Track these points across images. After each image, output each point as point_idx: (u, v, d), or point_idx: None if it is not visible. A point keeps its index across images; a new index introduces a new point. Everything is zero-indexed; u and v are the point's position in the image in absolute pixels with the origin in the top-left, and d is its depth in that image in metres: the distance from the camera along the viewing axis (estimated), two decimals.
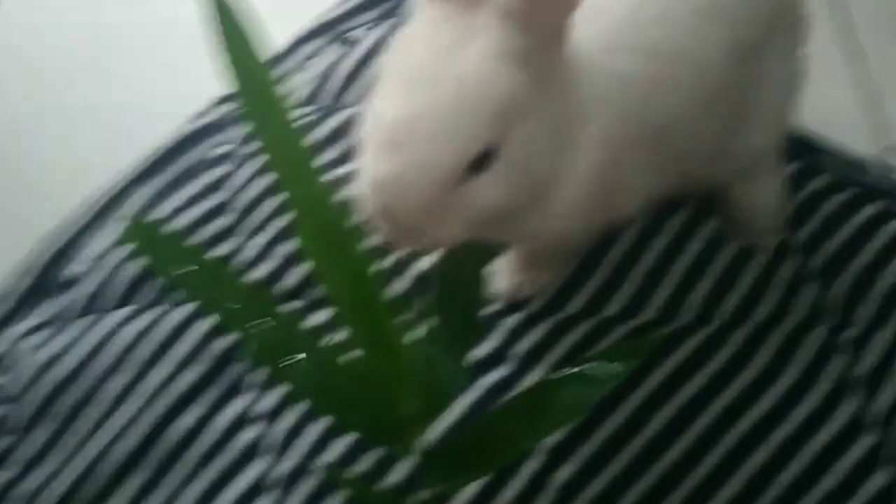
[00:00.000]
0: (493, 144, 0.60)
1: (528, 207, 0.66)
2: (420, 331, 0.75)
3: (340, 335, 0.73)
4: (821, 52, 0.89)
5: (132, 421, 0.93)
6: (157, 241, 0.75)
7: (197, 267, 0.73)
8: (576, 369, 0.69)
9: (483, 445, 0.72)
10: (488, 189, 0.61)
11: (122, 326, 0.98)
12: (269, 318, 0.71)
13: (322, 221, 0.71)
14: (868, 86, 1.13)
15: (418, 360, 0.73)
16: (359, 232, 0.68)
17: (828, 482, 0.87)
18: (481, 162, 0.60)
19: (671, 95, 0.71)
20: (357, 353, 0.72)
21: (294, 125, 0.71)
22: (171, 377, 0.95)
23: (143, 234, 0.76)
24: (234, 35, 0.68)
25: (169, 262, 0.73)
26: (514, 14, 0.59)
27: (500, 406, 0.87)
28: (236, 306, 0.72)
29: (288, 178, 0.70)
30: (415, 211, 0.60)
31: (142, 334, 0.97)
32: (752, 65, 0.77)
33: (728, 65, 0.73)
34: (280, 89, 0.71)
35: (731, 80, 0.75)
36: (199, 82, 1.13)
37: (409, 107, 0.59)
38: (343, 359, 0.72)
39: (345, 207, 0.70)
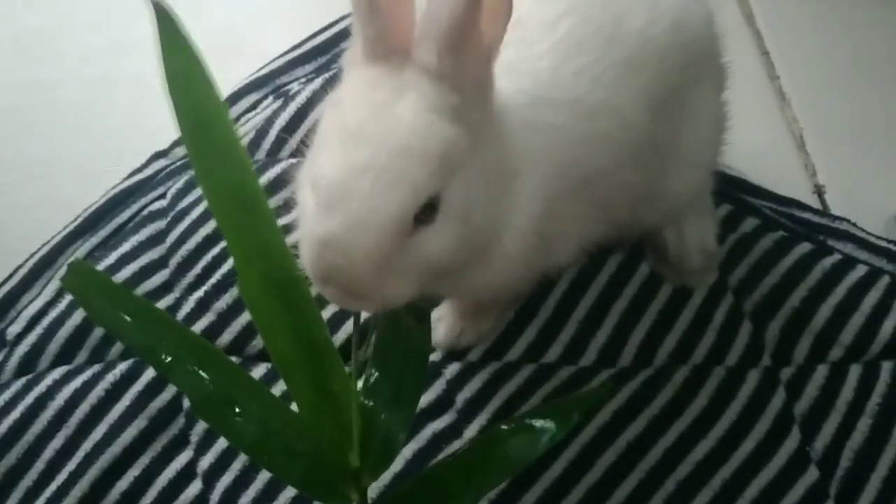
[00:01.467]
0: (435, 196, 0.60)
1: (472, 260, 0.67)
2: (361, 383, 0.73)
3: (279, 388, 0.71)
4: (750, 98, 0.91)
5: (73, 480, 0.90)
6: (95, 288, 0.72)
7: (138, 314, 0.70)
8: (519, 423, 0.69)
9: (428, 500, 0.70)
10: (434, 241, 0.61)
11: (59, 386, 0.95)
12: (210, 370, 0.69)
13: (267, 271, 0.69)
14: (794, 129, 1.16)
15: (363, 413, 0.71)
16: (303, 283, 0.67)
17: None
18: (425, 215, 0.60)
19: (596, 148, 0.72)
20: (296, 405, 0.70)
21: (248, 168, 0.70)
22: (112, 435, 0.92)
23: (82, 280, 0.72)
24: (188, 71, 0.66)
25: (107, 310, 0.70)
26: (439, 74, 0.59)
27: (443, 460, 0.86)
28: (178, 356, 0.69)
29: (233, 225, 0.68)
30: (362, 269, 0.59)
31: (79, 393, 0.94)
32: (672, 114, 0.78)
33: (648, 116, 0.74)
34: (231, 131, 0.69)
35: (653, 130, 0.76)
36: (132, 138, 1.15)
37: (348, 164, 0.58)
38: (282, 413, 0.71)
39: (289, 257, 0.68)
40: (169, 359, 0.69)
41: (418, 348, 0.76)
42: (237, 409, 0.69)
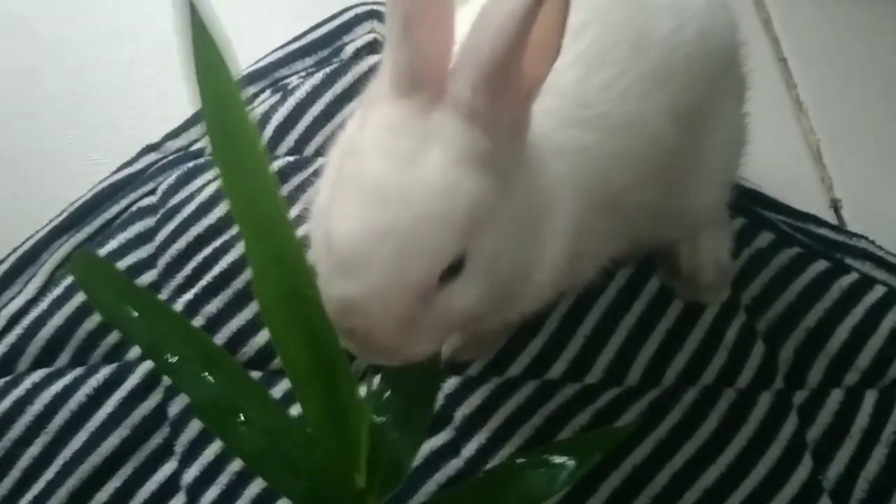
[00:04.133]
0: (462, 253, 0.56)
1: (499, 306, 0.63)
2: (372, 402, 0.69)
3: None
4: (766, 107, 0.88)
5: (50, 490, 0.86)
6: (102, 279, 0.68)
7: (144, 307, 0.66)
8: (537, 457, 0.65)
9: None
10: (459, 298, 0.58)
11: (39, 390, 0.91)
12: (217, 374, 0.65)
13: (284, 279, 0.64)
14: (811, 140, 1.12)
15: (372, 432, 0.67)
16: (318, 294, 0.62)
17: None
18: (450, 272, 0.57)
19: (624, 165, 0.68)
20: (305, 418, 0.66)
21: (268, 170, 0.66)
22: (93, 443, 0.88)
23: (88, 270, 0.69)
24: (210, 59, 0.62)
25: (114, 303, 0.66)
26: (472, 114, 0.55)
27: (454, 490, 0.83)
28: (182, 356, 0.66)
29: (253, 229, 0.64)
30: (383, 332, 0.56)
31: (60, 398, 0.90)
32: (698, 127, 0.75)
33: (675, 130, 0.71)
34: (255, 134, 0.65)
35: (678, 145, 0.72)
36: (122, 130, 1.10)
37: (368, 226, 0.55)
38: (289, 425, 0.67)
39: (306, 266, 0.64)
40: (175, 359, 0.65)
41: (431, 366, 0.71)
42: (242, 418, 0.65)
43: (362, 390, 0.68)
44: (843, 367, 0.92)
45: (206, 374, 0.65)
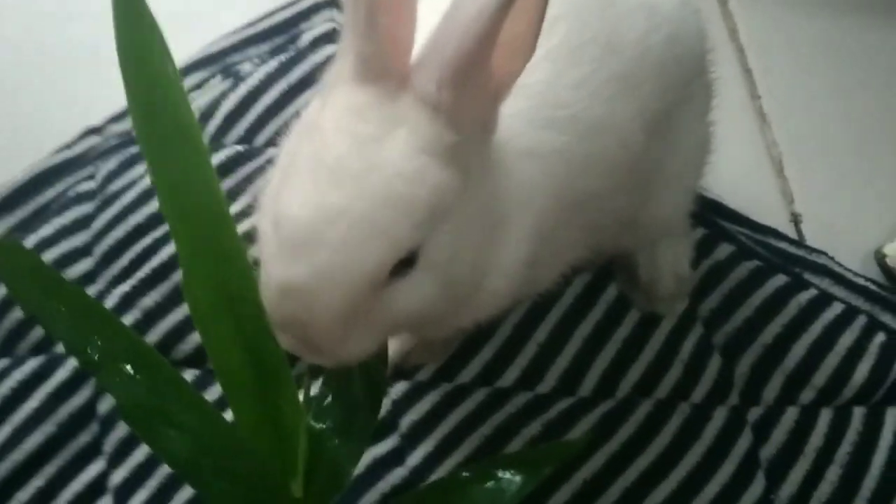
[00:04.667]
0: (416, 247, 0.53)
1: (450, 309, 0.59)
2: (311, 407, 0.66)
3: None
4: (729, 117, 0.86)
5: None
6: (23, 268, 0.63)
7: (69, 301, 0.62)
8: (482, 471, 0.62)
9: None
10: (407, 296, 0.54)
11: None
12: (144, 373, 0.61)
13: (217, 275, 0.61)
14: (773, 152, 1.11)
15: (311, 438, 0.64)
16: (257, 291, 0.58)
17: None
18: (400, 267, 0.53)
19: (592, 170, 0.66)
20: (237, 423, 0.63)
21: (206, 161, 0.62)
22: (16, 439, 0.84)
23: (9, 258, 0.64)
24: (143, 44, 0.58)
25: (35, 295, 0.62)
26: (437, 107, 0.52)
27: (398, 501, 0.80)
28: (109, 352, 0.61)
29: (183, 222, 0.61)
30: (324, 324, 0.52)
31: None
32: (665, 134, 0.73)
33: (644, 135, 0.68)
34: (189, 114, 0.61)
35: (646, 151, 0.70)
36: (60, 111, 1.05)
37: (324, 205, 0.51)
38: (221, 429, 0.63)
39: (243, 262, 0.61)
40: (98, 356, 0.61)
41: (376, 372, 0.67)
42: (171, 420, 0.61)
43: (302, 394, 0.64)
44: (799, 384, 0.91)
45: (134, 373, 0.61)
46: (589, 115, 0.64)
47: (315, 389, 0.66)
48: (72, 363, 0.86)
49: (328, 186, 0.51)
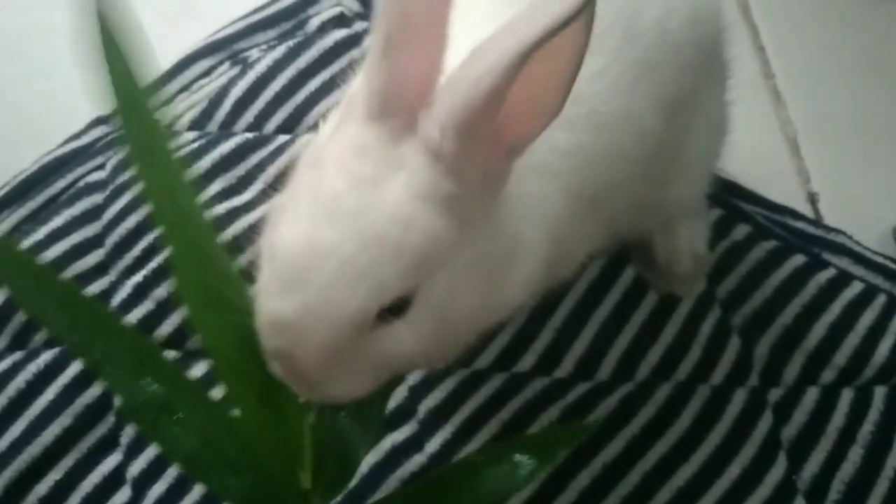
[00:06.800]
0: (408, 292, 0.52)
1: (448, 349, 0.59)
2: None
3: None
4: (743, 97, 0.84)
5: None
6: (23, 269, 0.62)
7: (68, 303, 0.61)
8: (495, 454, 0.61)
9: None
10: (399, 340, 0.53)
11: None
12: (147, 371, 0.61)
13: (203, 267, 0.60)
14: (789, 131, 1.10)
15: (319, 426, 0.62)
16: (244, 279, 0.59)
17: None
18: (394, 310, 0.52)
19: (609, 163, 0.64)
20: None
21: (176, 156, 0.61)
22: (32, 433, 0.83)
23: (8, 259, 0.62)
24: (113, 51, 0.58)
25: (36, 296, 0.61)
26: (440, 156, 0.51)
27: (405, 488, 0.79)
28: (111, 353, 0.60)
29: (165, 215, 0.59)
30: (310, 360, 0.52)
31: None
32: (682, 118, 0.71)
33: (663, 122, 0.67)
34: (162, 115, 0.60)
35: (664, 137, 0.68)
36: (71, 101, 1.04)
37: (312, 242, 0.51)
38: (225, 423, 0.62)
39: (228, 252, 0.61)
40: (101, 356, 0.60)
41: None
42: (174, 417, 0.60)
43: None
44: (819, 364, 0.90)
45: (137, 372, 0.61)
46: (607, 109, 0.63)
47: None
48: None
49: (321, 223, 0.51)
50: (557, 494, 0.82)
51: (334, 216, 0.51)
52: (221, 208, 0.90)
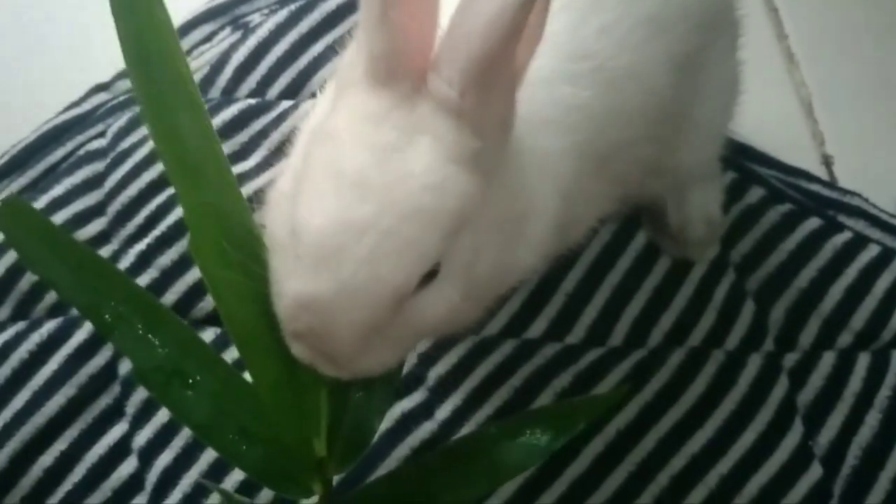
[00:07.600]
0: (440, 258, 0.51)
1: (473, 310, 0.58)
2: None
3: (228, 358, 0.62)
4: (756, 59, 0.82)
5: None
6: (30, 229, 0.61)
7: (78, 263, 0.60)
8: (511, 426, 0.61)
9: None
10: (430, 307, 0.52)
11: None
12: (160, 334, 0.60)
13: (224, 231, 0.59)
14: (802, 94, 1.08)
15: (334, 394, 0.61)
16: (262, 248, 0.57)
17: None
18: (425, 278, 0.51)
19: (618, 121, 0.63)
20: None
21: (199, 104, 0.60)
22: (36, 403, 0.83)
23: (16, 219, 0.61)
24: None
25: (44, 257, 0.60)
26: (460, 113, 0.49)
27: (424, 459, 0.77)
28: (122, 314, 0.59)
29: (184, 176, 0.58)
30: (345, 337, 0.51)
31: (0, 354, 0.84)
32: (691, 78, 0.70)
33: (672, 82, 0.65)
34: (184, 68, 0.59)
35: (676, 97, 0.67)
36: (68, 68, 1.02)
37: (345, 219, 0.49)
38: (240, 390, 0.61)
39: (248, 218, 0.59)
40: (112, 318, 0.59)
41: None
42: (189, 382, 0.59)
43: None
44: (835, 328, 0.88)
45: (149, 335, 0.59)
46: (615, 65, 0.61)
47: None
48: (90, 325, 0.84)
49: (351, 199, 0.49)
50: (571, 461, 0.81)
51: (364, 190, 0.49)
52: None
